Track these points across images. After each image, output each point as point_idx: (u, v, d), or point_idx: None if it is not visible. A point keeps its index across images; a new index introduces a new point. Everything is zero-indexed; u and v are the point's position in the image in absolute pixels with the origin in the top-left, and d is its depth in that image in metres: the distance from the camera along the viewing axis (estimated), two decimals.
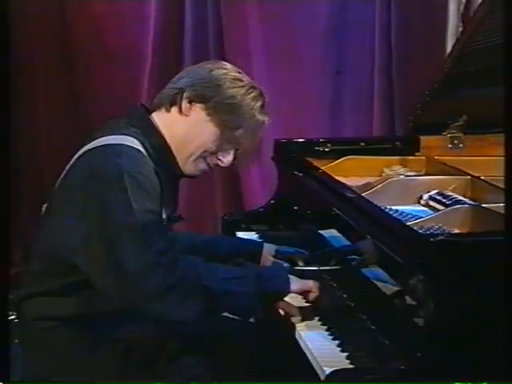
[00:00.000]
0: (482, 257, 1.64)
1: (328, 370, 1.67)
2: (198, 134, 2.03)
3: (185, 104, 2.02)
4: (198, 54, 3.85)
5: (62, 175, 2.01)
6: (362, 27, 3.69)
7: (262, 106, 2.06)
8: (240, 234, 2.58)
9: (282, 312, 2.00)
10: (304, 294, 2.03)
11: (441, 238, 1.69)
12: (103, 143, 1.96)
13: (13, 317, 2.02)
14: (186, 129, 2.03)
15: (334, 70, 3.73)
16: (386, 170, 2.60)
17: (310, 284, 2.02)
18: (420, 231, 1.91)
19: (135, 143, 1.98)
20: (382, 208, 2.14)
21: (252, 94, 2.05)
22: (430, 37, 3.50)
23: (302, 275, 2.08)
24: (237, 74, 2.07)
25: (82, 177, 1.91)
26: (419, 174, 2.58)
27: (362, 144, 2.67)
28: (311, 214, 2.55)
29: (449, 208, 2.09)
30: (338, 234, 2.34)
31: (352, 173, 2.53)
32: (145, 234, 1.85)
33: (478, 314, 1.63)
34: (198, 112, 2.02)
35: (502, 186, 2.11)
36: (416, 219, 2.08)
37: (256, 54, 3.80)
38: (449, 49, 3.17)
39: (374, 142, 2.71)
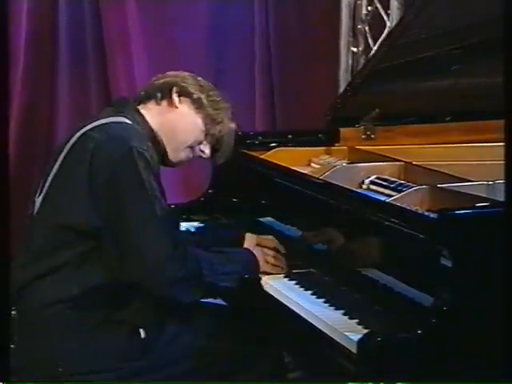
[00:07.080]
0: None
1: (356, 337, 1.76)
2: (187, 124, 2.20)
3: (174, 97, 2.19)
4: (74, 52, 3.80)
5: (62, 156, 2.05)
6: (242, 27, 3.82)
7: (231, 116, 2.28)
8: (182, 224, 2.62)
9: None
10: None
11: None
12: (104, 122, 2.05)
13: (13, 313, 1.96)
14: (176, 119, 2.20)
15: (214, 69, 3.83)
16: (315, 160, 2.76)
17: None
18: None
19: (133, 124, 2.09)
20: None
21: (227, 105, 2.27)
22: (309, 38, 3.71)
23: None
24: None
25: (87, 149, 1.99)
26: (344, 161, 2.76)
27: (290, 136, 2.82)
28: (249, 203, 2.67)
29: (411, 189, 2.27)
30: (274, 220, 2.55)
31: (283, 163, 2.65)
32: (160, 222, 1.99)
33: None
34: (186, 105, 2.21)
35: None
36: None
37: (137, 53, 3.81)
38: (342, 49, 3.40)
39: (300, 134, 2.86)
